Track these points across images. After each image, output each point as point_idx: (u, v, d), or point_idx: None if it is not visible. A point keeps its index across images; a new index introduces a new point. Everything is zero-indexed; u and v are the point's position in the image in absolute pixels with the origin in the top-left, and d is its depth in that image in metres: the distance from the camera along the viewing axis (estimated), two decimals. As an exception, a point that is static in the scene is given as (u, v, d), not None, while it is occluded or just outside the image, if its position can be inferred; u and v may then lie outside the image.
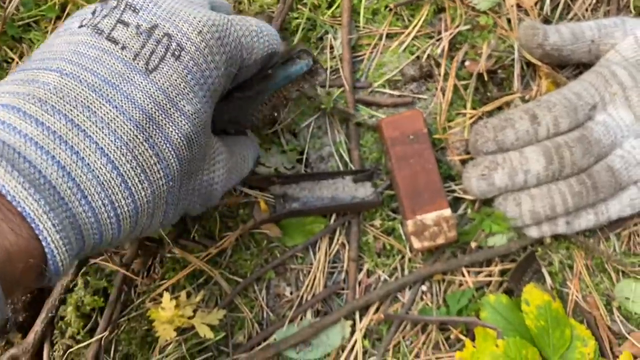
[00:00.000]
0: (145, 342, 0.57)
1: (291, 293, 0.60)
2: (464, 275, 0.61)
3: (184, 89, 0.39)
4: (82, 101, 0.35)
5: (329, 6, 0.63)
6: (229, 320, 0.59)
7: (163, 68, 0.38)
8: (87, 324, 0.57)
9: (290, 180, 0.59)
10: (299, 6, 0.63)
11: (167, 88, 0.38)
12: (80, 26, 0.39)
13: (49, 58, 0.37)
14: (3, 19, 0.57)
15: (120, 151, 0.36)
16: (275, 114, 0.56)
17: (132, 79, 0.37)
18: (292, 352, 0.58)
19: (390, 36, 0.63)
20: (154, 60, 0.38)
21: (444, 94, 0.62)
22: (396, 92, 0.62)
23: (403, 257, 0.61)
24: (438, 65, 0.63)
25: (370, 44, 0.63)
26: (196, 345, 0.57)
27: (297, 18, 0.62)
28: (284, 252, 0.60)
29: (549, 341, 0.56)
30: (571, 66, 0.67)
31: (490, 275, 0.62)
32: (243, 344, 0.58)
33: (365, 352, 0.59)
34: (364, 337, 0.60)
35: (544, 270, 0.62)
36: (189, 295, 0.57)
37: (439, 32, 0.63)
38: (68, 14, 0.61)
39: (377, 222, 0.61)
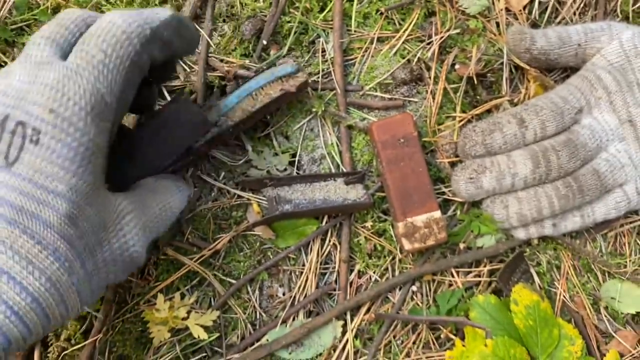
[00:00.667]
0: (140, 343, 0.58)
1: (284, 294, 0.61)
2: (453, 276, 0.62)
3: (52, 170, 0.37)
4: None
5: (321, 10, 0.64)
6: (222, 321, 0.59)
7: (24, 157, 0.37)
8: (82, 326, 0.58)
9: (282, 183, 0.59)
10: (291, 10, 0.63)
11: (33, 175, 0.37)
12: None
13: None
14: (-4, 22, 0.57)
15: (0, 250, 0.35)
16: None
17: None
18: (284, 353, 0.59)
19: (381, 40, 0.64)
20: (13, 153, 0.37)
21: (434, 97, 0.63)
22: (387, 95, 0.63)
23: (394, 258, 0.62)
24: (428, 68, 0.64)
25: (362, 48, 0.64)
26: (190, 346, 0.58)
27: (289, 22, 0.63)
28: (276, 253, 0.61)
29: (537, 340, 0.57)
30: (559, 69, 0.68)
31: (479, 276, 0.63)
32: (236, 345, 0.59)
33: (356, 352, 0.60)
34: (355, 337, 0.60)
35: (532, 270, 0.63)
36: (182, 296, 0.58)
37: (430, 36, 0.64)
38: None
39: (369, 224, 0.61)
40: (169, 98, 0.61)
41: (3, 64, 0.59)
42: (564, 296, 0.63)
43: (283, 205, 0.59)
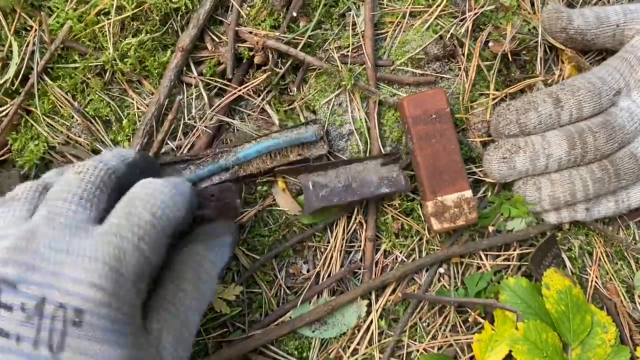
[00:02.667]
0: (160, 316, 0.56)
1: (308, 271, 0.59)
2: (482, 259, 0.61)
3: (99, 349, 0.34)
4: None
5: (352, -17, 0.62)
6: (245, 297, 0.58)
7: (70, 344, 0.34)
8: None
9: (318, 168, 0.58)
10: (322, -18, 0.62)
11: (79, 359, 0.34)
12: None
13: None
14: (22, -14, 0.56)
15: None
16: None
17: None
18: (307, 330, 0.58)
19: (413, 14, 0.63)
20: (56, 339, 0.34)
21: (467, 74, 0.61)
22: (419, 71, 0.61)
23: (421, 238, 0.60)
24: (461, 45, 0.62)
25: (393, 22, 0.62)
26: (211, 321, 0.57)
27: (319, -6, 0.61)
28: (301, 228, 0.59)
29: (570, 326, 0.56)
30: (594, 52, 0.66)
31: (508, 260, 0.61)
32: (259, 321, 0.58)
33: (381, 333, 0.59)
34: (380, 317, 0.59)
35: (563, 255, 0.61)
36: (205, 270, 0.57)
37: (463, 12, 0.62)
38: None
39: (396, 202, 0.60)
40: (195, 72, 0.60)
41: (29, 27, 0.58)
42: (596, 282, 0.61)
43: (319, 190, 0.57)
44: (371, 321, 0.58)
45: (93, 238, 0.36)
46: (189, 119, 0.59)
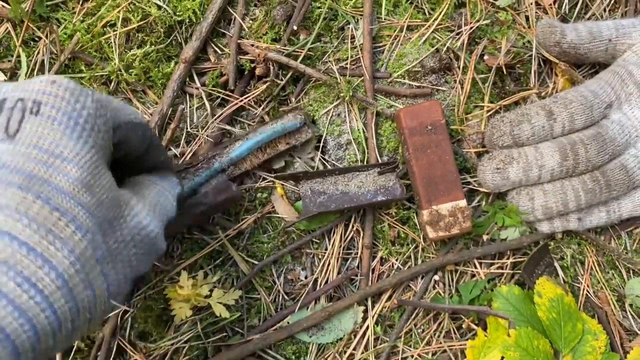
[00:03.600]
0: (161, 320, 0.58)
1: (306, 277, 0.61)
2: (476, 267, 0.62)
3: (55, 137, 0.35)
4: None
5: (351, -3, 0.64)
6: (244, 302, 0.59)
7: (25, 127, 0.34)
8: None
9: (316, 175, 0.59)
10: (322, -4, 0.64)
11: (37, 142, 0.34)
12: None
13: None
14: (31, -2, 0.58)
15: (13, 218, 0.31)
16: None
17: None
18: (304, 335, 0.59)
19: (410, 28, 0.64)
20: (13, 125, 0.34)
21: (462, 87, 0.63)
22: (415, 83, 0.63)
23: (417, 246, 0.62)
24: (457, 58, 0.63)
25: (391, 36, 0.64)
26: (211, 325, 0.58)
27: (319, 7, 0.63)
28: (299, 236, 0.61)
29: (561, 333, 0.57)
30: (587, 65, 0.68)
31: (502, 268, 0.62)
32: (257, 326, 0.59)
33: (377, 338, 0.60)
34: (376, 323, 0.60)
35: (556, 264, 0.62)
36: (206, 275, 0.58)
37: (459, 26, 0.64)
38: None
39: (393, 211, 0.61)
40: (198, 83, 0.62)
41: (37, 38, 0.59)
42: (588, 291, 0.62)
43: (317, 197, 0.59)
44: (367, 327, 0.60)
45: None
46: (191, 128, 0.61)
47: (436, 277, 0.62)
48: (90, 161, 0.36)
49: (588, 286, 0.63)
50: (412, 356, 0.60)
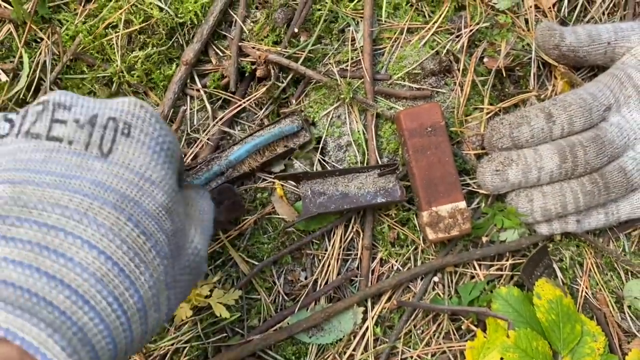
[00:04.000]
0: (161, 320, 0.58)
1: (306, 278, 0.61)
2: (475, 269, 0.62)
3: (144, 161, 0.37)
4: (47, 201, 0.32)
5: None
6: (244, 302, 0.59)
7: (118, 148, 0.36)
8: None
9: (316, 176, 0.60)
10: (322, -1, 0.64)
11: (129, 164, 0.36)
12: (1, 137, 0.36)
13: None
14: None
15: (108, 238, 0.32)
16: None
17: (92, 166, 0.35)
18: (304, 336, 0.59)
19: (411, 31, 0.65)
20: (107, 144, 0.36)
21: (462, 89, 0.63)
22: (415, 85, 0.63)
23: (416, 248, 0.62)
24: (457, 60, 0.64)
25: (391, 38, 0.64)
26: (211, 325, 0.58)
27: (320, 10, 0.63)
28: (300, 236, 0.61)
29: (560, 335, 0.57)
30: (586, 68, 0.68)
31: (501, 269, 0.63)
32: (257, 327, 0.59)
33: (376, 339, 0.60)
34: (376, 324, 0.60)
35: (555, 265, 0.63)
36: (206, 276, 0.58)
37: (459, 29, 0.64)
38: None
39: (392, 212, 0.62)
40: (199, 84, 0.62)
41: (39, 39, 0.60)
42: (587, 293, 0.63)
43: (317, 197, 0.59)
44: (367, 328, 0.60)
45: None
46: (192, 131, 0.61)
47: (436, 279, 0.62)
48: (171, 188, 0.38)
49: (587, 288, 0.63)
50: (412, 357, 0.60)
